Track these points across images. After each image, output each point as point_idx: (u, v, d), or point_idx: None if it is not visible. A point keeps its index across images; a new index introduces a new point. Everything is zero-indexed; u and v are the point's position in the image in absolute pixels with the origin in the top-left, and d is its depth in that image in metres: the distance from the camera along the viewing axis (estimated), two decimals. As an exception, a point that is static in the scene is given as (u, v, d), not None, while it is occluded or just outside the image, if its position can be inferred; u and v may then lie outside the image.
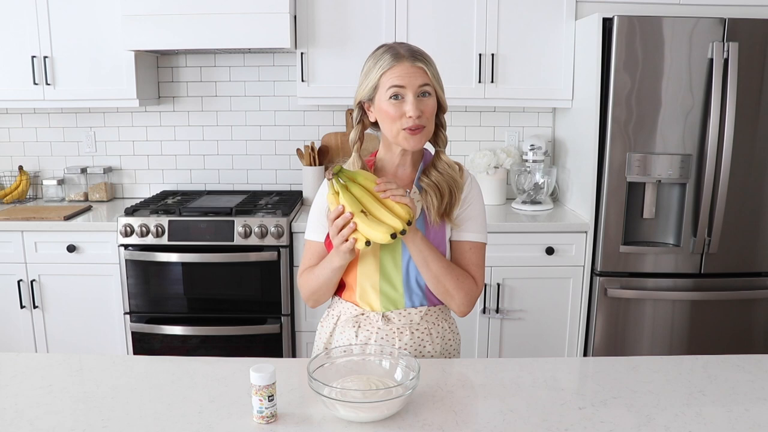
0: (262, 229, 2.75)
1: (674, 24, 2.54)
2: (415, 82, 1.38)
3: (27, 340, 2.92)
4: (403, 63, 1.38)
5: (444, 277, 1.42)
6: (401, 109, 1.38)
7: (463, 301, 1.45)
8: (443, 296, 1.45)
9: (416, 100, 1.38)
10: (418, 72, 1.38)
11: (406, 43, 1.45)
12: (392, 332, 1.47)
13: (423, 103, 1.39)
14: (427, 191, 1.45)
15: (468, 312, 1.48)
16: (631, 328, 2.77)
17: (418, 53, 1.41)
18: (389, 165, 1.50)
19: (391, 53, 1.40)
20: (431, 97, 1.40)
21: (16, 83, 2.99)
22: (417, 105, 1.38)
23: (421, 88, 1.38)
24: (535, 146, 3.10)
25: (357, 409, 1.16)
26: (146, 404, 1.25)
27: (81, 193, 3.34)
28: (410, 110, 1.37)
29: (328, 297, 1.54)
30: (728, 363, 1.44)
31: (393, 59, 1.39)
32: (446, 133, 1.49)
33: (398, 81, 1.38)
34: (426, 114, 1.40)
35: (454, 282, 1.44)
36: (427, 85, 1.39)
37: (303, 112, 3.35)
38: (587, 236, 2.78)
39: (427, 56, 1.42)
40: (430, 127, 1.43)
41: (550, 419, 1.19)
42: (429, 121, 1.41)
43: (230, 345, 2.83)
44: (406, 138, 1.40)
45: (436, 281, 1.43)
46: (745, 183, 2.66)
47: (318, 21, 2.92)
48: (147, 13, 2.78)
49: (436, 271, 1.42)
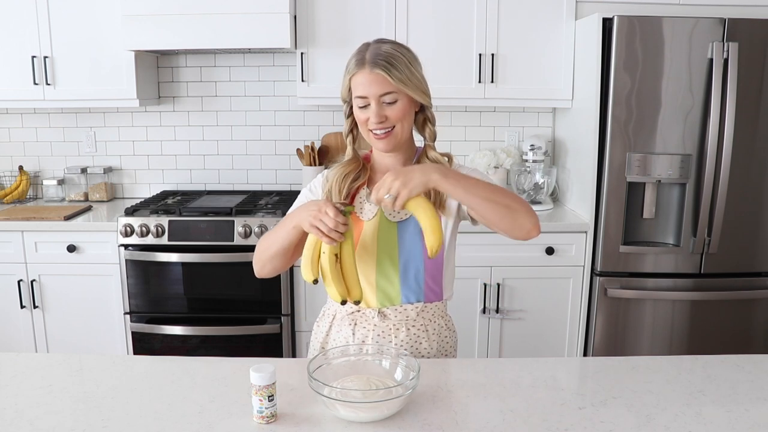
0: (262, 229, 2.75)
1: (674, 24, 2.53)
2: (374, 91, 1.37)
3: (27, 340, 2.92)
4: (363, 70, 1.37)
5: (495, 194, 1.30)
6: (367, 115, 1.40)
7: (529, 211, 1.32)
8: (509, 217, 1.31)
9: (379, 108, 1.38)
10: (377, 80, 1.36)
11: (383, 42, 1.42)
12: (388, 329, 1.47)
13: (387, 109, 1.39)
14: None
15: (539, 228, 1.33)
16: (631, 328, 2.77)
17: (380, 57, 1.36)
18: (381, 163, 1.51)
19: (357, 57, 1.39)
20: (398, 102, 1.39)
21: (16, 83, 2.99)
22: (379, 112, 1.38)
23: (383, 96, 1.37)
24: (535, 146, 3.10)
25: (357, 409, 1.16)
26: (146, 404, 1.25)
27: (81, 193, 3.34)
28: (373, 118, 1.38)
29: (277, 266, 1.45)
30: (728, 363, 1.44)
31: (356, 65, 1.38)
32: (434, 128, 1.48)
33: (360, 91, 1.39)
34: (392, 118, 1.39)
35: (509, 195, 1.32)
36: (388, 93, 1.37)
37: (303, 112, 3.35)
38: (587, 236, 2.78)
39: (393, 58, 1.37)
40: (401, 128, 1.41)
41: (550, 419, 1.19)
42: (398, 123, 1.40)
43: (230, 345, 2.83)
44: (375, 141, 1.43)
45: (491, 204, 1.29)
46: (745, 183, 2.66)
47: (318, 21, 2.92)
48: (147, 13, 2.78)
49: (484, 193, 1.30)
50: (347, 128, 1.49)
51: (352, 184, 1.48)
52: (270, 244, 1.44)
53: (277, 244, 1.41)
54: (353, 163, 1.50)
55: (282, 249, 1.41)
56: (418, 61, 1.43)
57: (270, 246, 1.44)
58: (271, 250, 1.43)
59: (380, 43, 1.42)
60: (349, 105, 1.46)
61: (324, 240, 1.30)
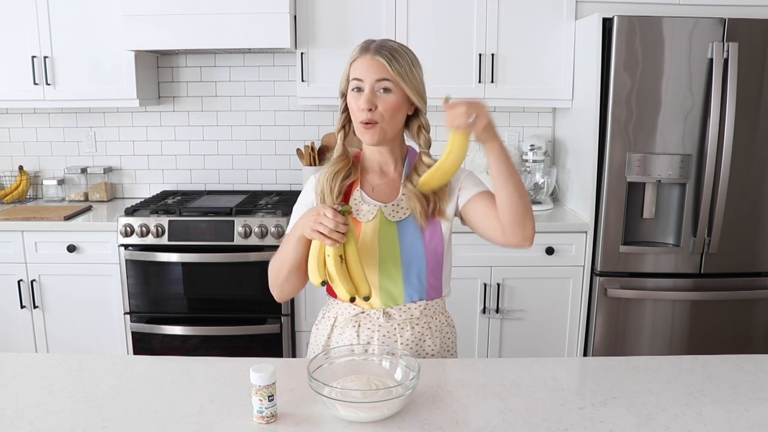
0: (262, 229, 2.75)
1: (674, 24, 2.54)
2: (372, 75, 1.37)
3: (27, 340, 2.92)
4: (365, 56, 1.38)
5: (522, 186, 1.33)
6: (359, 102, 1.38)
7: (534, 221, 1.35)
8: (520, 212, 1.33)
9: (372, 94, 1.37)
10: (377, 66, 1.36)
11: (390, 40, 1.43)
12: (393, 329, 1.47)
13: (379, 98, 1.38)
14: (410, 197, 1.44)
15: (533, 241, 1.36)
16: (631, 328, 2.77)
17: (385, 47, 1.38)
18: (371, 162, 1.51)
19: (361, 45, 1.41)
20: (391, 94, 1.38)
21: (16, 83, 2.99)
22: (370, 98, 1.37)
23: (379, 82, 1.37)
24: (535, 146, 3.10)
25: (357, 409, 1.16)
26: (146, 404, 1.25)
27: (81, 193, 3.34)
28: (361, 103, 1.37)
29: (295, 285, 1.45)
30: (728, 363, 1.44)
31: (359, 51, 1.40)
32: (429, 135, 1.48)
33: (357, 74, 1.38)
34: (381, 109, 1.38)
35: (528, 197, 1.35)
36: (385, 80, 1.37)
37: (303, 112, 3.35)
38: (587, 236, 2.78)
39: (396, 52, 1.38)
40: (387, 126, 1.40)
41: (550, 419, 1.19)
42: (386, 119, 1.39)
43: (230, 345, 2.83)
44: (361, 132, 1.41)
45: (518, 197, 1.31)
46: (745, 183, 2.66)
47: (318, 21, 2.92)
48: (147, 13, 2.78)
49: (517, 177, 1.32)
50: (339, 124, 1.49)
51: (344, 182, 1.47)
52: (281, 266, 1.43)
53: (288, 262, 1.41)
54: (342, 160, 1.48)
55: (293, 265, 1.41)
56: (420, 66, 1.44)
57: (281, 267, 1.43)
58: (284, 271, 1.43)
59: (386, 40, 1.43)
60: (344, 99, 1.46)
61: (327, 242, 1.30)
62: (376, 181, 1.50)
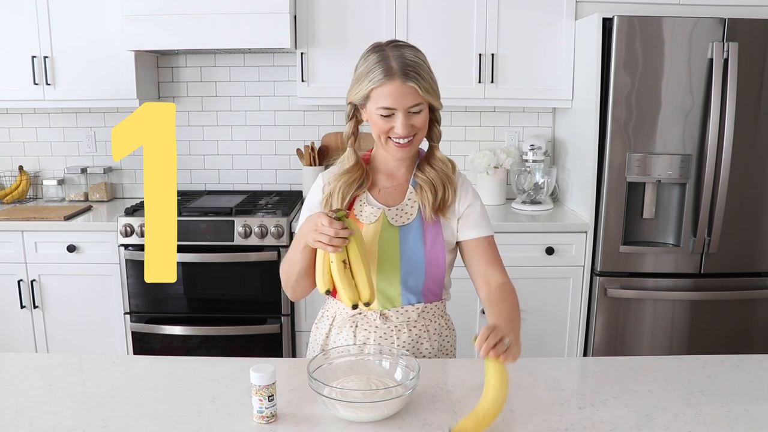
0: (262, 229, 2.75)
1: (674, 24, 2.53)
2: (405, 103, 1.34)
3: (27, 340, 2.92)
4: (394, 81, 1.33)
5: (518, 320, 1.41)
6: (391, 124, 1.37)
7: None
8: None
9: (406, 119, 1.36)
10: (409, 92, 1.33)
11: (401, 47, 1.38)
12: (390, 330, 1.47)
13: (414, 118, 1.37)
14: (423, 187, 1.45)
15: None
16: (631, 328, 2.77)
17: (410, 67, 1.33)
18: (383, 164, 1.50)
19: (382, 67, 1.34)
20: (422, 111, 1.38)
21: (16, 83, 2.99)
22: (406, 123, 1.36)
23: (411, 108, 1.36)
24: (535, 146, 3.10)
25: (357, 409, 1.16)
26: (146, 404, 1.25)
27: (81, 193, 3.34)
28: (400, 130, 1.36)
29: (306, 287, 1.48)
30: (728, 363, 1.44)
31: (384, 75, 1.33)
32: (440, 128, 1.48)
33: (389, 102, 1.34)
34: (416, 127, 1.38)
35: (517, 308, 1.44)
36: (416, 105, 1.36)
37: (303, 112, 3.35)
38: (587, 236, 2.78)
39: (420, 68, 1.35)
40: (421, 135, 1.41)
41: (550, 419, 1.19)
42: (420, 135, 1.41)
43: (230, 345, 2.83)
44: (394, 150, 1.41)
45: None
46: (745, 183, 2.66)
47: (318, 21, 2.92)
48: (147, 13, 2.78)
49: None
50: (349, 131, 1.47)
51: (357, 191, 1.47)
52: (290, 271, 1.47)
53: (296, 268, 1.44)
54: (358, 170, 1.47)
55: (302, 272, 1.44)
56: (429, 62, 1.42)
57: (290, 273, 1.47)
58: (293, 276, 1.46)
59: (399, 48, 1.38)
60: (353, 107, 1.45)
61: (329, 250, 1.31)
62: (383, 183, 1.50)
